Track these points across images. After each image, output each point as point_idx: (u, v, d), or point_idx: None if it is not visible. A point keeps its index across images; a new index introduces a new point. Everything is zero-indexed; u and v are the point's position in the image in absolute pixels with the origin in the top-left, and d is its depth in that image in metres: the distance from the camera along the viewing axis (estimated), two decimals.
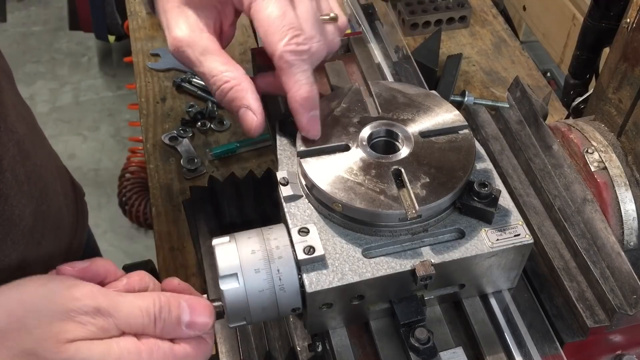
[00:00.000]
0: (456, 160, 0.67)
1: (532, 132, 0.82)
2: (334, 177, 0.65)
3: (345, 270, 0.61)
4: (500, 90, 1.37)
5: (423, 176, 0.65)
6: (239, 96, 0.67)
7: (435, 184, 0.64)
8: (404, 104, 0.72)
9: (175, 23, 0.68)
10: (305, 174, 0.65)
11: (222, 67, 0.67)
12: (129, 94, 3.23)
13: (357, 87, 0.75)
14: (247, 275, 0.61)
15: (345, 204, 0.62)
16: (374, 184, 0.64)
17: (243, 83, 0.67)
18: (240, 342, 0.76)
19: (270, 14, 0.64)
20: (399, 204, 0.62)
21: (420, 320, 0.64)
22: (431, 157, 0.67)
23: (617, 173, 0.77)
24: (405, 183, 0.64)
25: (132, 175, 2.48)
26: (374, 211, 0.62)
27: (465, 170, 0.66)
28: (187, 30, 0.67)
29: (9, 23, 3.54)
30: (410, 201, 0.63)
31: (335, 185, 0.64)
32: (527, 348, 0.66)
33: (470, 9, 1.50)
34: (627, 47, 0.78)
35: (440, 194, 0.63)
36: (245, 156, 1.24)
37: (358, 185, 0.64)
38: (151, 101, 1.37)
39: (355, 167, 0.65)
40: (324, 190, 0.63)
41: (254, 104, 0.67)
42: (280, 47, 0.63)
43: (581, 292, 0.69)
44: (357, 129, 0.69)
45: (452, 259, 0.63)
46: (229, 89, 0.67)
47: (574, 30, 1.51)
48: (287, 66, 0.64)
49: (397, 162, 0.66)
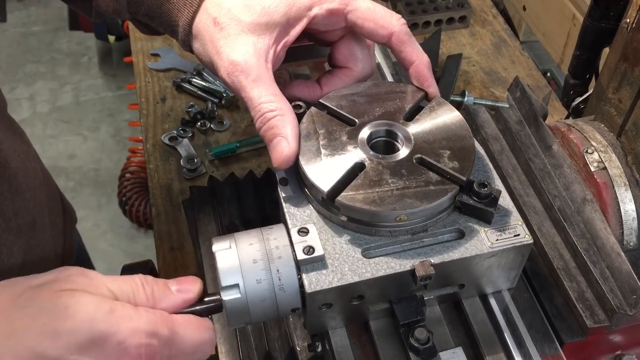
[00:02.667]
0: (449, 122, 0.69)
1: (532, 132, 0.82)
2: (377, 196, 0.63)
3: (344, 271, 0.61)
4: (500, 90, 1.37)
5: (442, 151, 0.66)
6: (279, 124, 0.67)
7: (456, 150, 0.66)
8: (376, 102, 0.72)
9: (231, 49, 0.69)
10: (351, 208, 0.63)
11: (271, 96, 0.68)
12: (129, 94, 3.24)
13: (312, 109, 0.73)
14: (247, 275, 0.61)
15: (410, 213, 0.62)
16: (416, 181, 0.64)
17: (287, 115, 0.68)
18: (240, 342, 0.76)
19: (370, 6, 0.72)
20: (449, 184, 0.63)
21: (420, 321, 0.64)
22: (431, 132, 0.68)
23: (617, 173, 0.76)
24: (435, 165, 0.65)
25: (132, 175, 2.49)
26: (438, 203, 0.62)
27: (466, 129, 0.68)
28: (245, 56, 0.68)
29: (9, 23, 3.54)
30: (452, 176, 0.64)
31: (387, 202, 0.62)
32: (526, 348, 0.67)
33: (470, 9, 1.50)
34: (627, 47, 0.78)
35: (468, 155, 0.65)
36: (245, 156, 1.24)
37: (404, 189, 0.63)
38: (151, 101, 1.37)
39: (386, 176, 0.65)
40: (381, 211, 0.62)
41: (292, 135, 0.67)
42: (397, 25, 0.71)
43: (581, 292, 0.69)
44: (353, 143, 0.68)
45: (451, 259, 0.63)
46: (272, 117, 0.68)
47: (574, 30, 1.51)
48: (407, 37, 0.72)
49: (412, 153, 0.66)
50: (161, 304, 0.58)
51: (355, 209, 0.62)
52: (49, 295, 0.53)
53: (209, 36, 0.70)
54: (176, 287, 0.60)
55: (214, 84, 1.37)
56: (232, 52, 0.69)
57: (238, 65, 0.68)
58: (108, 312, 0.53)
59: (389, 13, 0.72)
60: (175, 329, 0.57)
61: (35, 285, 0.55)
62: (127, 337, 0.53)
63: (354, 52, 0.74)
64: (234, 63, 0.68)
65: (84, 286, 0.55)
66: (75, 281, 0.55)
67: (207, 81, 1.38)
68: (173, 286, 0.60)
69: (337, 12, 0.71)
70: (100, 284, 0.56)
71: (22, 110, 3.21)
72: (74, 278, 0.56)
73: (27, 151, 0.93)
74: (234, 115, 1.34)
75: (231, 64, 0.68)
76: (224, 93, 1.35)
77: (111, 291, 0.56)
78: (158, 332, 0.55)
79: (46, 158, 3.00)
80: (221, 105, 1.35)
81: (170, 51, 1.45)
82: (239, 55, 0.68)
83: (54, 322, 0.52)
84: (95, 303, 0.53)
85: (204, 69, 1.39)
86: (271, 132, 0.68)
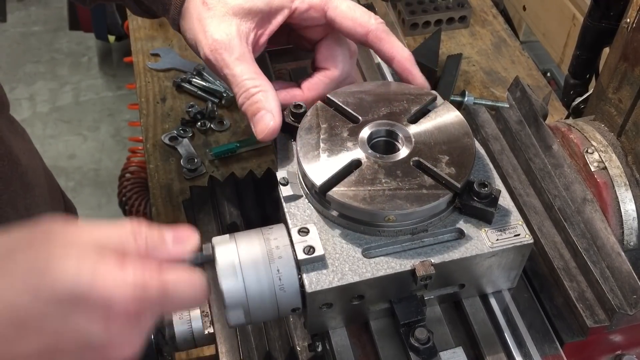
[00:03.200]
0: (453, 128, 0.68)
1: (532, 132, 0.82)
2: (368, 194, 0.63)
3: (345, 270, 0.61)
4: (500, 90, 1.37)
5: (441, 156, 0.65)
6: (262, 99, 0.70)
7: (455, 156, 0.65)
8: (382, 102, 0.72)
9: (215, 28, 0.72)
10: (341, 203, 0.63)
11: (254, 74, 0.71)
12: (129, 94, 3.23)
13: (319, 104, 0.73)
14: (247, 275, 0.61)
15: (398, 213, 0.62)
16: (409, 183, 0.64)
17: (270, 92, 0.71)
18: (240, 342, 0.76)
19: (350, 5, 0.75)
20: (443, 190, 0.63)
21: (420, 320, 0.64)
22: (433, 137, 0.68)
23: (617, 173, 0.77)
24: (431, 169, 0.65)
25: (132, 175, 2.48)
26: (429, 207, 0.62)
27: (469, 136, 0.67)
28: (230, 36, 0.72)
29: (9, 23, 3.54)
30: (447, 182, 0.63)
31: (377, 201, 0.62)
32: (527, 348, 0.66)
33: (470, 9, 1.50)
34: (627, 47, 0.78)
35: (467, 163, 0.65)
36: (245, 156, 1.24)
37: (396, 190, 0.63)
38: (151, 101, 1.37)
39: (380, 175, 0.65)
40: (370, 209, 0.62)
41: (276, 109, 0.70)
42: (374, 23, 0.74)
43: (581, 292, 0.69)
44: (353, 140, 0.68)
45: (452, 259, 0.63)
46: (256, 92, 0.70)
47: (574, 30, 1.51)
48: (385, 35, 0.75)
49: (410, 155, 0.66)
50: (154, 255, 0.55)
51: (345, 205, 0.63)
52: (29, 252, 0.51)
53: (196, 14, 0.74)
54: (172, 238, 0.56)
55: (214, 84, 1.37)
56: (217, 30, 0.72)
57: (222, 43, 0.71)
58: (91, 267, 0.50)
59: (368, 13, 0.75)
60: (165, 283, 0.53)
61: (19, 238, 0.52)
62: (112, 293, 0.50)
63: (334, 54, 0.77)
64: (217, 41, 0.72)
65: (68, 238, 0.53)
66: (59, 233, 0.53)
67: (207, 81, 1.38)
68: (169, 236, 0.56)
69: (317, 7, 0.74)
70: (87, 235, 0.53)
71: (22, 110, 3.20)
72: (57, 229, 0.53)
73: (30, 149, 0.94)
74: (234, 115, 1.34)
75: (214, 42, 0.72)
76: (224, 93, 1.35)
77: (98, 242, 0.53)
78: (147, 287, 0.52)
79: (46, 158, 2.97)
80: (221, 105, 1.35)
81: (170, 51, 1.45)
82: (223, 34, 0.72)
83: (33, 280, 0.50)
84: (77, 258, 0.51)
85: (204, 69, 1.39)
86: (255, 106, 0.70)
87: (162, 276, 0.53)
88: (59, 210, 1.03)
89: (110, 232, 0.54)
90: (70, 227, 0.54)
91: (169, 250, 0.56)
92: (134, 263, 0.52)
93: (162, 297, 0.53)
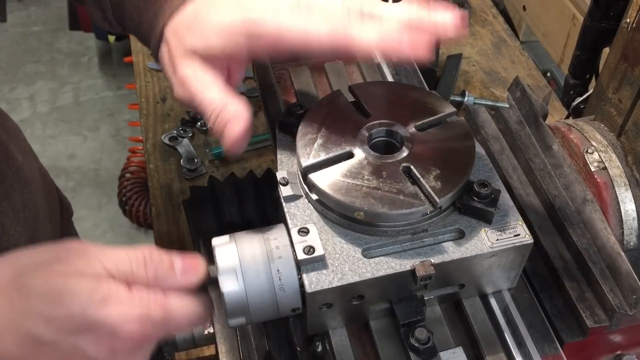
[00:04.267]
0: (458, 146, 0.68)
1: (532, 132, 0.82)
2: (346, 186, 0.64)
3: (345, 270, 0.61)
4: (500, 90, 1.37)
5: (433, 168, 0.65)
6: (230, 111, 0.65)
7: (446, 172, 0.65)
8: (400, 103, 0.72)
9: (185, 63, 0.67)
10: (318, 188, 0.64)
11: (222, 95, 0.66)
12: (129, 94, 3.23)
13: (338, 91, 0.74)
14: (247, 275, 0.61)
15: (367, 211, 0.62)
16: (390, 186, 0.64)
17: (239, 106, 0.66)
18: (240, 342, 0.76)
19: None
20: (420, 200, 0.62)
21: (420, 320, 0.64)
22: (434, 148, 0.67)
23: (617, 173, 0.77)
24: (417, 178, 0.64)
25: (132, 175, 2.48)
26: (399, 214, 0.62)
27: (470, 154, 0.66)
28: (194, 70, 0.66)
29: (9, 23, 3.55)
30: (428, 194, 0.63)
31: (352, 194, 0.63)
32: (527, 348, 0.66)
33: (470, 9, 1.50)
34: (627, 47, 0.78)
35: (455, 182, 0.63)
36: (245, 156, 1.24)
37: (374, 189, 0.63)
38: (151, 101, 1.37)
39: (365, 172, 0.65)
40: (341, 200, 0.62)
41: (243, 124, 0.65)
42: None
43: (581, 292, 0.69)
44: (355, 134, 0.68)
45: (452, 259, 0.63)
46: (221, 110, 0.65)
47: (574, 30, 1.51)
48: None
49: (403, 160, 0.66)
50: (162, 285, 0.58)
51: (320, 190, 0.63)
52: (46, 278, 0.55)
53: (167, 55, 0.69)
54: (181, 267, 0.59)
55: None
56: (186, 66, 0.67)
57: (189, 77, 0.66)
58: (100, 299, 0.54)
59: None
60: (170, 312, 0.57)
61: (36, 263, 0.56)
62: (119, 324, 0.54)
63: None
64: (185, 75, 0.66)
65: (80, 268, 0.56)
66: (73, 263, 0.56)
67: None
68: (178, 265, 0.59)
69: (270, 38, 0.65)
70: (98, 263, 0.57)
71: (22, 110, 3.20)
72: (72, 260, 0.56)
73: (24, 146, 0.94)
74: None
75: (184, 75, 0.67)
76: None
77: (108, 271, 0.57)
78: (151, 316, 0.56)
79: (46, 158, 3.00)
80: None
81: None
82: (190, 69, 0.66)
83: (48, 308, 0.54)
84: (89, 289, 0.54)
85: None
86: (223, 120, 0.65)
87: (168, 305, 0.57)
88: (55, 207, 1.04)
89: (123, 260, 0.58)
90: (87, 254, 0.58)
91: (177, 281, 0.59)
92: (141, 293, 0.56)
93: (166, 324, 0.57)
